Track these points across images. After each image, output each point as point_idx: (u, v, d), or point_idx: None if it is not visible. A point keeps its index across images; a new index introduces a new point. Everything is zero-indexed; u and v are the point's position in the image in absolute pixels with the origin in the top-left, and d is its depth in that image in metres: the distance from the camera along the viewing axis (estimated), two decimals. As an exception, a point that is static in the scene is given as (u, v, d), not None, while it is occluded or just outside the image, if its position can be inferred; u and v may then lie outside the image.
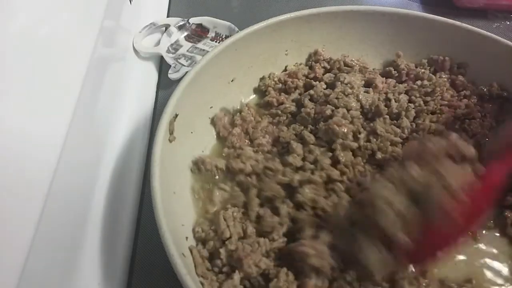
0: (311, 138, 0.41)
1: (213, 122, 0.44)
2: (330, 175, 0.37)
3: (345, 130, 0.40)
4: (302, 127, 0.43)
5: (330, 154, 0.39)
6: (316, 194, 0.36)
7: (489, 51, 0.45)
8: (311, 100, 0.45)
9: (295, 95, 0.47)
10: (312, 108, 0.43)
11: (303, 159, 0.39)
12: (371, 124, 0.41)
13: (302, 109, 0.44)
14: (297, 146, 0.40)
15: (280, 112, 0.45)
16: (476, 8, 0.63)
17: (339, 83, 0.45)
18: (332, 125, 0.40)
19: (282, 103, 0.46)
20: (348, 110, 0.42)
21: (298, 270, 0.33)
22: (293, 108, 0.46)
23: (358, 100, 0.43)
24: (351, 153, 0.40)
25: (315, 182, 0.37)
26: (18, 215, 0.26)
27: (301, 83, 0.47)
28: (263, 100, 0.47)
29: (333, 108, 0.42)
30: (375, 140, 0.40)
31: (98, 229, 0.37)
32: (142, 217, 0.41)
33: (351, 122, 0.41)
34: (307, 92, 0.46)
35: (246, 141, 0.44)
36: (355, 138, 0.40)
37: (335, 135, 0.39)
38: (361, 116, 0.42)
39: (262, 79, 0.49)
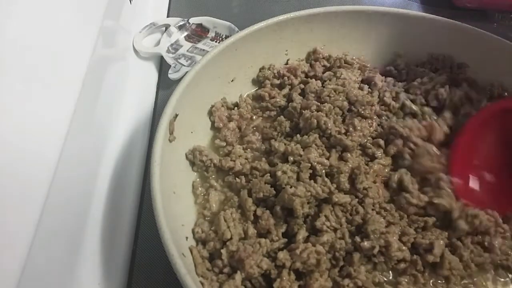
0: (281, 145, 0.40)
1: (210, 112, 0.44)
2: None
3: (325, 121, 0.40)
4: (289, 121, 0.43)
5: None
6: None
7: (489, 51, 0.45)
8: (301, 95, 0.46)
9: (286, 90, 0.47)
10: (299, 102, 0.44)
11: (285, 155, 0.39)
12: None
13: (290, 103, 0.44)
14: (279, 146, 0.40)
15: (270, 106, 0.46)
16: (476, 8, 0.63)
17: (335, 78, 0.45)
18: (311, 118, 0.40)
19: (273, 97, 0.46)
20: (334, 106, 0.42)
21: (300, 271, 0.33)
22: (283, 102, 0.46)
23: (347, 98, 0.43)
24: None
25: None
26: (18, 215, 0.26)
27: (296, 82, 0.47)
28: (256, 92, 0.48)
29: (318, 104, 0.42)
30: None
31: (98, 229, 0.37)
32: (142, 217, 0.41)
33: (335, 119, 0.41)
34: (297, 86, 0.46)
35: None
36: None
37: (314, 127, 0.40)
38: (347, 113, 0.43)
39: (262, 69, 0.49)
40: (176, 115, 0.38)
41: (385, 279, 0.34)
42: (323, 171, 0.37)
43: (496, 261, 0.35)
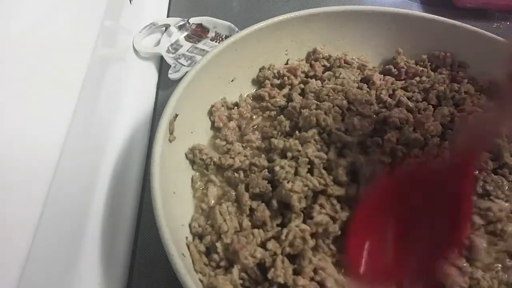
0: (280, 143, 0.40)
1: (210, 112, 0.44)
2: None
3: (324, 118, 0.40)
4: (288, 120, 0.43)
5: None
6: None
7: (489, 51, 0.45)
8: (301, 95, 0.46)
9: (286, 90, 0.47)
10: (299, 102, 0.44)
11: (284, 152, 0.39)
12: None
13: (290, 103, 0.44)
14: (278, 143, 0.40)
15: (270, 106, 0.46)
16: (476, 8, 0.63)
17: (334, 78, 0.45)
18: (310, 116, 0.40)
19: (273, 97, 0.46)
20: (333, 105, 0.42)
21: (293, 254, 0.33)
22: (283, 102, 0.46)
23: (346, 97, 0.43)
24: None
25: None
26: (18, 215, 0.26)
27: (296, 82, 0.47)
28: (256, 92, 0.48)
29: (318, 103, 0.42)
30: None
31: (98, 229, 0.37)
32: (142, 217, 0.41)
33: (334, 117, 0.41)
34: (297, 86, 0.47)
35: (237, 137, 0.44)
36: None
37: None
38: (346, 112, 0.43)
39: (262, 69, 0.49)
40: (176, 115, 0.38)
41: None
42: (321, 165, 0.37)
43: (510, 250, 0.35)
